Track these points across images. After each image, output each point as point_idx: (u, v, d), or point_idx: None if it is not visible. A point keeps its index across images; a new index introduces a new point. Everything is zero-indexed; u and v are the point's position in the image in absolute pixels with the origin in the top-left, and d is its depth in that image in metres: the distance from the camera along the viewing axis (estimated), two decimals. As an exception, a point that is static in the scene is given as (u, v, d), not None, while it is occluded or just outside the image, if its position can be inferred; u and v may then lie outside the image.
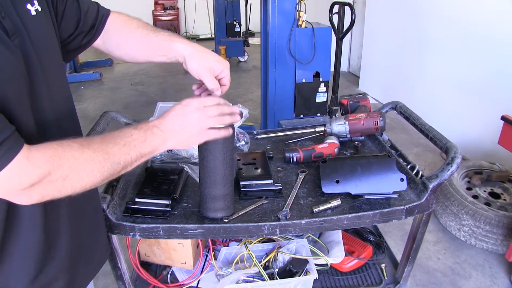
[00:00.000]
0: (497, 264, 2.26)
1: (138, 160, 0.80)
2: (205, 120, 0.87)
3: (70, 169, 0.67)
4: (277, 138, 1.61)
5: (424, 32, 3.98)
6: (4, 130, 0.60)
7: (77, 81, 5.90)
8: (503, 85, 3.02)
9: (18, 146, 0.61)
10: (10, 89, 0.64)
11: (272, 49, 2.86)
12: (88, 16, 0.92)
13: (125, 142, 0.77)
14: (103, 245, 1.04)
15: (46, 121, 0.75)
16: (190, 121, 0.86)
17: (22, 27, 0.69)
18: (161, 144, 0.83)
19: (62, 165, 0.66)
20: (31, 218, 0.73)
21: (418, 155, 3.51)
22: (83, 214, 0.91)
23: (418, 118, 1.41)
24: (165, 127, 0.83)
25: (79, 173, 0.69)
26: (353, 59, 6.28)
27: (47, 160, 0.64)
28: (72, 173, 0.67)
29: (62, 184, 0.67)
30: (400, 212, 1.14)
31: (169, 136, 0.84)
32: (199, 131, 0.87)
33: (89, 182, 0.71)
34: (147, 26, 1.00)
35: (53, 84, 0.77)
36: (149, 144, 0.80)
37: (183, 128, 0.85)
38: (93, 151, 0.71)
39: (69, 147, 0.68)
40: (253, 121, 3.97)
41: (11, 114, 0.64)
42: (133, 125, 0.82)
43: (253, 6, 6.42)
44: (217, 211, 1.09)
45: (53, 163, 0.65)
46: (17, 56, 0.66)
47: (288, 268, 1.33)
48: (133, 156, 0.78)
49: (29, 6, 0.72)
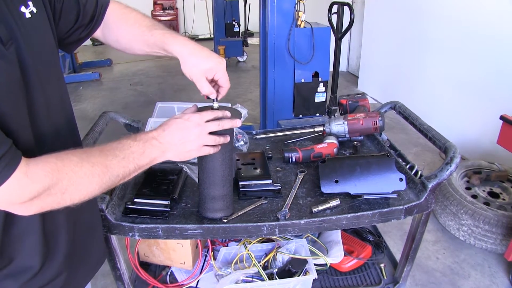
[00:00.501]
0: (496, 263, 2.26)
1: (135, 172, 0.81)
2: (204, 136, 0.89)
3: (69, 183, 0.67)
4: (276, 138, 1.61)
5: (423, 32, 3.98)
6: (1, 146, 0.59)
7: (76, 81, 5.90)
8: (502, 85, 3.03)
9: (16, 162, 0.61)
10: (6, 101, 0.63)
11: (271, 49, 2.86)
12: (87, 8, 0.90)
13: (124, 155, 0.77)
14: (101, 246, 1.04)
15: (43, 130, 0.74)
16: (189, 136, 0.87)
17: (17, 31, 0.67)
18: (159, 156, 0.85)
19: (61, 179, 0.66)
20: (29, 221, 0.73)
21: (417, 155, 3.51)
22: (81, 215, 0.91)
23: (417, 118, 1.41)
24: (164, 139, 0.84)
25: (78, 186, 0.69)
26: (352, 59, 6.28)
27: (46, 175, 0.64)
28: (71, 187, 0.68)
29: (61, 197, 0.68)
30: (399, 212, 1.14)
31: (168, 149, 0.85)
32: (197, 147, 0.90)
33: (87, 194, 0.72)
34: (144, 21, 0.98)
35: (50, 87, 0.76)
36: (147, 156, 0.82)
37: (182, 142, 0.87)
38: (92, 164, 0.71)
39: (68, 161, 0.68)
40: (252, 121, 3.97)
41: (8, 127, 0.63)
42: (132, 136, 0.82)
43: (252, 6, 6.43)
44: (216, 211, 1.09)
45: (52, 177, 0.65)
46: (13, 64, 0.65)
47: (287, 268, 1.33)
48: (131, 168, 0.79)
49: (23, 8, 0.69)
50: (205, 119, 0.90)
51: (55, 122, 0.78)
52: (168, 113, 1.59)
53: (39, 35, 0.74)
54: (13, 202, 0.63)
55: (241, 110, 1.27)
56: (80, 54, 6.86)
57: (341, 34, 2.90)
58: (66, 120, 0.84)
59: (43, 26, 0.76)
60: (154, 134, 0.84)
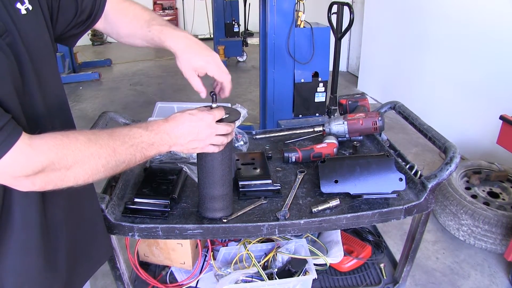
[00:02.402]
0: (496, 263, 2.26)
1: (141, 161, 0.81)
2: (212, 137, 0.91)
3: (74, 161, 0.67)
4: (276, 138, 1.61)
5: (423, 32, 3.98)
6: (1, 117, 0.59)
7: (76, 81, 5.89)
8: (502, 85, 3.03)
9: (18, 132, 0.61)
10: (3, 88, 0.63)
11: (271, 49, 2.86)
12: (85, 4, 0.90)
13: (133, 143, 0.77)
14: (102, 245, 1.04)
15: (38, 118, 0.74)
16: (199, 136, 0.89)
17: (13, 26, 0.68)
18: (166, 149, 0.86)
19: (66, 155, 0.66)
20: (25, 218, 0.73)
21: (417, 154, 3.51)
22: (81, 214, 0.91)
23: (417, 118, 1.41)
24: (174, 136, 0.86)
25: (84, 165, 0.69)
26: (352, 59, 6.28)
27: (51, 148, 0.64)
28: (76, 165, 0.68)
29: (65, 174, 0.67)
30: (399, 212, 1.14)
31: (176, 144, 0.87)
32: (203, 146, 0.92)
33: (92, 176, 0.71)
34: (143, 15, 0.98)
35: (45, 83, 0.76)
36: (155, 148, 0.83)
37: (191, 141, 0.88)
38: (99, 146, 0.71)
39: (74, 139, 0.68)
40: (252, 121, 3.97)
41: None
42: (143, 125, 0.82)
43: (251, 6, 6.42)
44: (216, 211, 1.09)
45: (57, 152, 0.65)
46: (8, 54, 0.65)
47: (287, 268, 1.33)
48: (138, 157, 0.79)
49: (19, 5, 0.70)
50: (216, 119, 0.92)
51: (51, 113, 0.78)
52: (168, 113, 1.57)
53: (34, 32, 0.74)
54: (17, 174, 0.62)
55: (241, 110, 1.27)
56: (80, 54, 6.86)
57: (341, 34, 2.90)
58: (61, 112, 0.84)
59: (39, 24, 0.76)
60: (167, 128, 0.85)
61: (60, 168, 0.66)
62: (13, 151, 0.59)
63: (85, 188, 0.93)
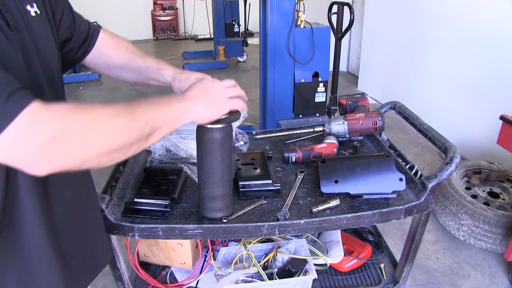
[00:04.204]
0: (496, 263, 2.26)
1: (165, 125, 0.76)
2: (224, 91, 0.93)
3: (92, 123, 0.63)
4: (276, 138, 1.61)
5: (423, 32, 3.98)
6: (13, 83, 0.56)
7: (76, 81, 5.89)
8: (502, 85, 3.03)
9: (31, 95, 0.57)
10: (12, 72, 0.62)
11: (271, 49, 2.86)
12: (81, 30, 0.94)
13: (151, 102, 0.76)
14: (103, 247, 1.04)
15: None
16: (213, 91, 0.90)
17: (22, 24, 0.70)
18: (188, 109, 0.83)
19: (83, 116, 0.62)
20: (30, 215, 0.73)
21: (417, 155, 3.51)
22: (81, 215, 0.91)
23: (417, 118, 1.41)
24: (189, 95, 0.86)
25: (103, 128, 0.64)
26: (352, 59, 6.28)
27: (66, 111, 0.60)
28: (96, 127, 0.63)
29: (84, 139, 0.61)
30: (399, 212, 1.14)
31: (195, 103, 0.85)
32: (222, 99, 0.92)
33: (117, 138, 0.66)
34: (136, 51, 1.05)
35: (50, 85, 0.77)
36: (175, 107, 0.80)
37: (208, 93, 0.88)
38: (117, 108, 0.68)
39: (89, 105, 0.64)
40: (252, 121, 3.97)
41: None
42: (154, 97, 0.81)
43: (252, 6, 6.42)
44: (216, 211, 1.09)
45: (72, 114, 0.61)
46: (16, 49, 0.67)
47: (287, 268, 1.33)
48: (160, 116, 0.75)
49: (29, 7, 0.73)
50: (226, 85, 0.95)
51: None
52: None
53: (41, 33, 0.76)
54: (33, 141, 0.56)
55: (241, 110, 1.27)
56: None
57: (341, 34, 2.90)
58: None
59: (46, 27, 0.79)
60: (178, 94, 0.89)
61: (80, 130, 0.61)
62: (28, 111, 0.54)
63: (85, 188, 0.93)
